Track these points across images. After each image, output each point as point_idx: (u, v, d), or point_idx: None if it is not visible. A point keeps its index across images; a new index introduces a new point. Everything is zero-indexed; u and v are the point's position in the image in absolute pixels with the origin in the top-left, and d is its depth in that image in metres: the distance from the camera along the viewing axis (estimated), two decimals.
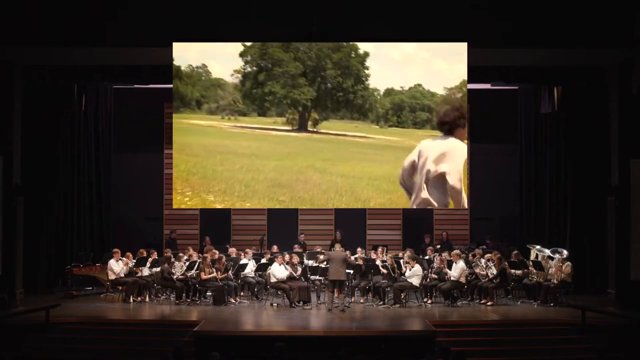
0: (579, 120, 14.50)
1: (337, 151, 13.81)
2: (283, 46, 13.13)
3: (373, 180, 13.43)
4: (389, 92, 13.46)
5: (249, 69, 13.26)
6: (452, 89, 12.91)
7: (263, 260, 13.44)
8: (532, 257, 13.65)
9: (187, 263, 13.11)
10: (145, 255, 13.50)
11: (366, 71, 13.29)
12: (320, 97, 13.32)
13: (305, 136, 13.75)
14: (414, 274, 12.67)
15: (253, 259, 13.71)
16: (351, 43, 13.11)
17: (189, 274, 12.97)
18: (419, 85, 13.38)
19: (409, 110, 13.36)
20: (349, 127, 13.85)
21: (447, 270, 12.80)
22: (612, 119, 13.40)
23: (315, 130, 13.73)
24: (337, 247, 12.72)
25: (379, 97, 13.45)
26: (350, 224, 16.29)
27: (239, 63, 13.23)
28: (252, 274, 13.51)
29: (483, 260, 13.13)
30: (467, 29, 12.39)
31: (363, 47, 13.22)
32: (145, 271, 13.41)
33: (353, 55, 13.19)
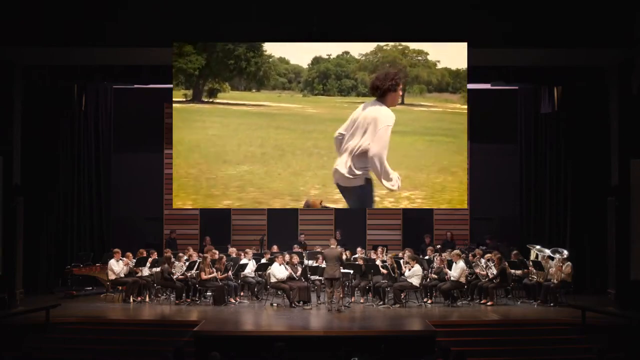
0: (579, 120, 14.50)
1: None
2: None
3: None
4: (317, 60, 13.20)
5: None
6: (381, 50, 12.61)
7: (263, 260, 13.44)
8: (532, 257, 13.65)
9: (187, 263, 13.11)
10: (145, 255, 13.50)
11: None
12: (211, 66, 12.97)
13: (197, 107, 13.34)
14: (414, 274, 12.67)
15: (253, 259, 13.72)
16: None
17: (189, 274, 12.97)
18: (347, 52, 13.15)
19: (334, 78, 13.11)
20: (258, 97, 13.39)
21: (447, 270, 12.80)
22: (612, 119, 13.40)
23: (210, 100, 13.33)
24: (332, 243, 12.66)
25: (274, 64, 13.14)
26: (350, 224, 16.30)
27: None
28: (252, 274, 13.52)
29: (483, 260, 13.13)
30: (467, 29, 12.38)
31: None
32: (145, 271, 13.41)
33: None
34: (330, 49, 13.10)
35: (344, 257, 12.72)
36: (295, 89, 13.31)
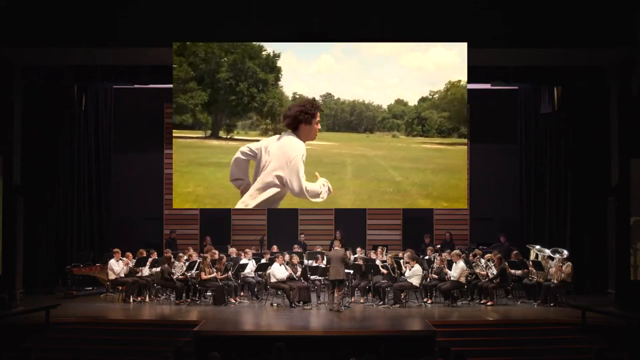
0: (579, 120, 14.50)
1: None
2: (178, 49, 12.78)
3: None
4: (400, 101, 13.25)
5: None
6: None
7: (263, 260, 13.45)
8: (532, 257, 13.66)
9: (187, 263, 13.11)
10: (145, 255, 13.50)
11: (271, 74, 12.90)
12: (216, 102, 12.94)
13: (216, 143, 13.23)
14: (414, 274, 12.67)
15: (253, 259, 13.72)
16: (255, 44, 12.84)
17: (189, 274, 12.97)
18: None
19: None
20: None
21: (447, 270, 12.80)
22: (612, 119, 13.39)
23: (228, 137, 13.21)
24: (336, 244, 12.70)
25: (283, 100, 12.93)
26: (350, 224, 16.30)
27: None
28: (252, 274, 13.52)
29: (483, 260, 13.14)
30: (467, 29, 12.38)
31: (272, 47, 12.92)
32: (145, 271, 13.41)
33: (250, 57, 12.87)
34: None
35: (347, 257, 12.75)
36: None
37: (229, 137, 13.19)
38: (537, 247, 13.81)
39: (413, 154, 13.40)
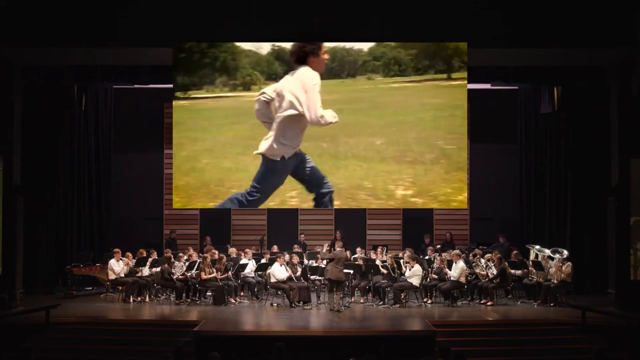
0: (579, 120, 14.50)
1: None
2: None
3: None
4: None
5: None
6: None
7: (263, 260, 13.45)
8: (532, 257, 13.65)
9: (187, 263, 13.11)
10: (145, 255, 13.50)
11: None
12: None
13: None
14: (414, 274, 12.67)
15: (253, 259, 13.72)
16: None
17: (189, 274, 12.97)
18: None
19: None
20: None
21: (447, 270, 12.80)
22: (612, 119, 13.39)
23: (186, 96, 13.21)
24: (339, 245, 12.70)
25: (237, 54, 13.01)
26: (350, 224, 16.30)
27: None
28: (252, 274, 13.52)
29: (483, 260, 13.14)
30: (467, 29, 12.38)
31: None
32: (145, 271, 13.41)
33: None
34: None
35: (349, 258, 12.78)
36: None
37: (186, 96, 13.20)
38: (537, 247, 13.81)
39: (380, 98, 13.32)
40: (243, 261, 13.49)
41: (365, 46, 13.05)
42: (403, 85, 13.29)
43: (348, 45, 13.02)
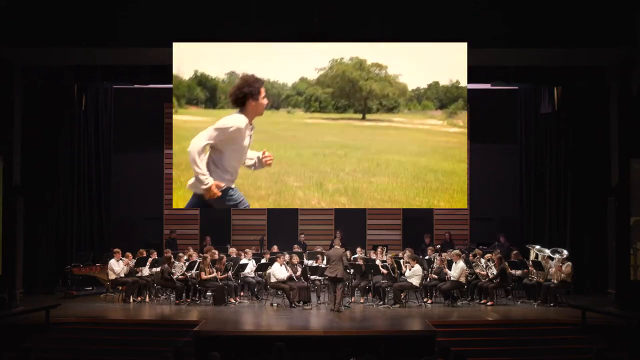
0: (579, 120, 14.50)
1: None
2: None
3: None
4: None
5: None
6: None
7: (263, 260, 13.45)
8: (532, 257, 13.65)
9: (187, 263, 13.11)
10: (145, 255, 13.50)
11: None
12: None
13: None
14: (414, 274, 12.67)
15: (253, 259, 13.72)
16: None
17: (189, 274, 12.97)
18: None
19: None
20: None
21: (447, 270, 12.80)
22: (612, 119, 13.39)
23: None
24: (337, 244, 12.69)
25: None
26: (350, 224, 16.30)
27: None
28: (252, 274, 13.52)
29: (483, 260, 13.14)
30: (467, 29, 12.38)
31: None
32: (145, 271, 13.41)
33: None
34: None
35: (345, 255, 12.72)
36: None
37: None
38: (537, 247, 13.81)
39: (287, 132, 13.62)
40: (243, 261, 13.49)
41: (290, 81, 13.26)
42: (318, 122, 13.63)
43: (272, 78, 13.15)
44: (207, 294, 13.26)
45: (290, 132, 13.71)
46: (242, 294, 13.60)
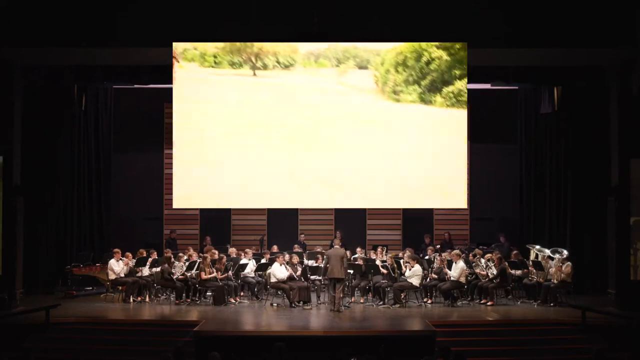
0: (579, 120, 14.50)
1: None
2: None
3: None
4: None
5: None
6: None
7: (263, 260, 13.45)
8: (532, 257, 13.65)
9: (187, 263, 13.11)
10: (145, 255, 13.50)
11: None
12: None
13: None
14: (414, 274, 12.66)
15: (253, 259, 13.72)
16: None
17: (189, 274, 12.97)
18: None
19: None
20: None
21: (447, 270, 12.80)
22: (612, 119, 13.40)
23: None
24: (336, 243, 12.69)
25: None
26: (350, 224, 16.29)
27: None
28: (252, 274, 13.52)
29: (483, 260, 13.14)
30: (467, 29, 12.39)
31: None
32: (145, 271, 13.41)
33: None
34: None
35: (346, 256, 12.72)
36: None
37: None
38: (537, 247, 13.80)
39: None
40: (243, 261, 13.49)
41: None
42: None
43: None
44: (207, 294, 13.25)
45: None
46: (242, 294, 13.59)
